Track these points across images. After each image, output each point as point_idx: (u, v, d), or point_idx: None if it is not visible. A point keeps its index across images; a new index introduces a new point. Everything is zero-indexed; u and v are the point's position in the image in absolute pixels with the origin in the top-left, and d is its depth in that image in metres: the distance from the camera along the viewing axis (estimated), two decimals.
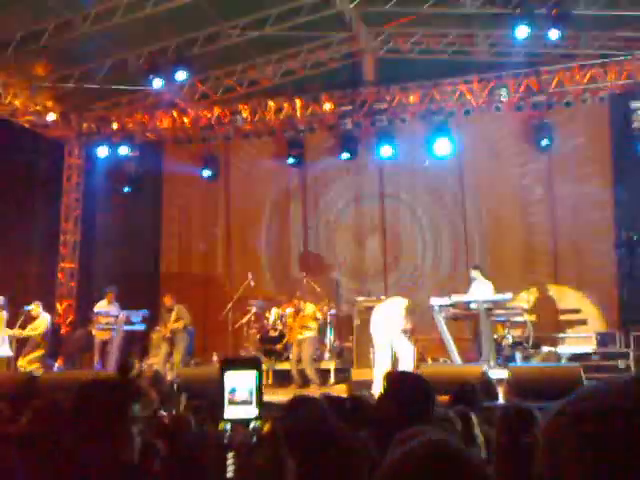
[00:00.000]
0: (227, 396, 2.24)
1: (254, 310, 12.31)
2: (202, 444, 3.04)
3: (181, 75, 12.10)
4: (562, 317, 12.77)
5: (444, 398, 5.30)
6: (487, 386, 7.62)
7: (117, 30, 11.69)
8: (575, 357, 10.93)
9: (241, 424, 2.20)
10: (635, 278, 10.79)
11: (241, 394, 2.24)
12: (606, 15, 11.11)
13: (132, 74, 13.01)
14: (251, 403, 2.23)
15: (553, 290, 12.85)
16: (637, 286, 11.27)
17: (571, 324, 12.71)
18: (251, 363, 2.32)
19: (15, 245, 13.24)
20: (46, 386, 8.41)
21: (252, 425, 2.18)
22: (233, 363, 2.41)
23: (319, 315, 11.24)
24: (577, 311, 12.64)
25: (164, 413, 5.34)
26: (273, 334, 11.76)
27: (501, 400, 7.80)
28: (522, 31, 10.96)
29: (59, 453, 2.33)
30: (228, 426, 2.19)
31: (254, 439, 2.13)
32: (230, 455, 2.11)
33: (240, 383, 2.25)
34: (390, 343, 9.50)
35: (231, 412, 2.23)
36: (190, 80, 12.99)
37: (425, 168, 13.47)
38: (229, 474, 2.12)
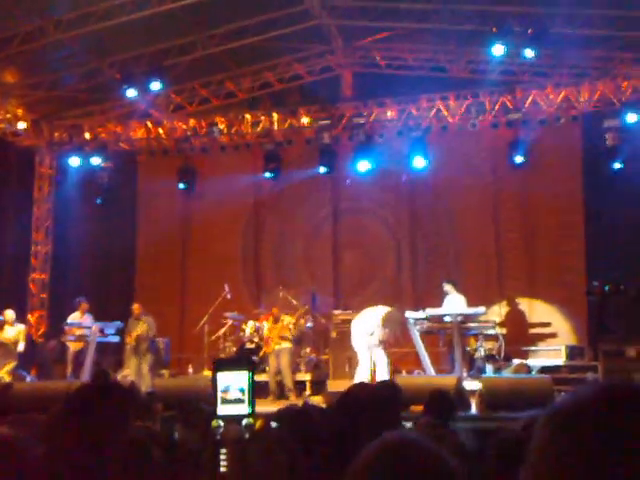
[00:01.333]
0: (220, 395, 2.31)
1: (230, 322, 12.22)
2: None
3: (155, 85, 11.97)
4: (533, 330, 12.98)
5: (418, 408, 5.33)
6: (460, 396, 7.70)
7: (90, 37, 11.52)
8: (545, 369, 11.09)
9: (233, 421, 2.24)
10: (604, 325, 10.93)
11: (233, 393, 2.34)
12: (581, 35, 11.33)
13: (105, 83, 12.84)
14: (243, 401, 2.31)
15: (524, 303, 13.04)
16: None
17: (541, 337, 12.91)
18: (243, 363, 2.42)
19: None
20: (21, 396, 8.24)
21: (244, 422, 2.25)
22: (226, 363, 2.51)
23: (295, 327, 11.20)
24: (547, 324, 12.85)
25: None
26: (250, 346, 11.69)
27: (474, 411, 7.89)
28: (498, 49, 11.11)
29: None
30: (221, 423, 2.25)
31: (246, 435, 2.19)
32: (223, 451, 2.16)
33: (233, 382, 2.35)
34: (370, 353, 9.52)
35: (224, 410, 2.30)
36: (165, 91, 12.85)
37: (401, 183, 13.57)
38: (222, 469, 2.18)
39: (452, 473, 1.22)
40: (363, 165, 13.13)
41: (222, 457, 2.19)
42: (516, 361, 11.38)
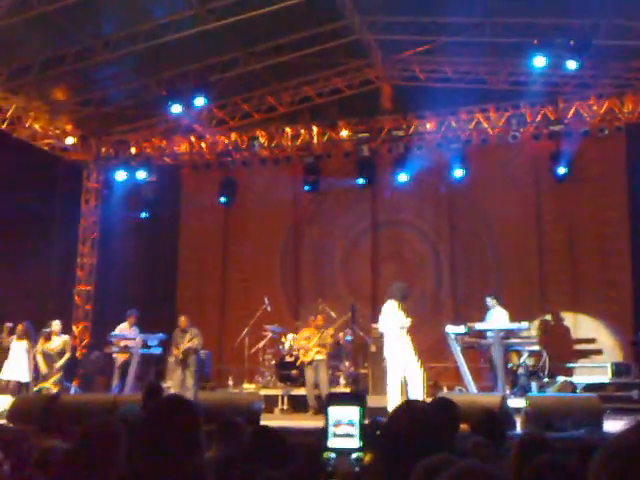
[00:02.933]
0: (332, 428, 2.36)
1: (270, 335, 12.28)
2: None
3: (200, 101, 12.20)
4: (577, 346, 12.72)
5: (463, 427, 5.27)
6: (507, 415, 7.56)
7: (137, 56, 11.84)
8: (590, 387, 10.84)
9: (343, 454, 2.27)
10: None
11: (344, 427, 2.37)
12: (623, 45, 11.17)
13: (151, 99, 13.17)
14: (354, 436, 2.35)
15: (568, 319, 12.81)
16: None
17: (586, 353, 12.65)
18: (356, 399, 2.47)
19: (33, 267, 13.32)
20: (67, 407, 8.38)
21: (354, 456, 2.30)
22: (338, 398, 2.56)
23: (333, 338, 11.18)
24: (592, 340, 12.59)
25: None
26: (289, 359, 11.70)
27: (519, 430, 7.74)
28: (540, 61, 11.03)
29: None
30: (332, 455, 2.31)
31: (357, 469, 2.24)
32: None
33: (344, 417, 2.39)
34: (401, 363, 9.38)
35: (334, 442, 2.35)
36: (208, 106, 13.11)
37: (440, 195, 13.53)
38: None
39: None
40: (402, 177, 13.15)
41: None
42: (561, 378, 11.17)
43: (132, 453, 2.47)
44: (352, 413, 2.42)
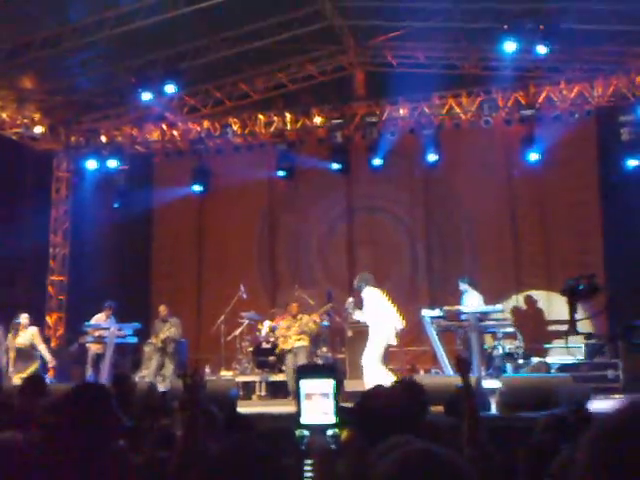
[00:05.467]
0: (304, 403, 2.24)
1: (246, 322, 12.28)
2: None
3: (170, 88, 12.07)
4: (551, 327, 12.88)
5: (438, 408, 5.33)
6: (480, 396, 7.65)
7: (105, 43, 11.64)
8: (564, 368, 10.99)
9: (319, 431, 2.18)
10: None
11: (317, 402, 2.24)
12: (593, 30, 11.27)
13: (121, 87, 12.99)
14: (328, 411, 2.23)
15: (542, 301, 12.98)
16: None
17: (560, 334, 12.80)
18: (328, 371, 2.32)
19: (4, 258, 13.11)
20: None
21: (330, 432, 2.18)
22: (309, 370, 2.42)
23: (316, 325, 11.21)
24: (566, 321, 12.72)
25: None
26: (266, 346, 11.73)
27: (493, 411, 7.84)
28: (510, 46, 11.09)
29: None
30: (305, 432, 2.19)
31: (333, 446, 2.13)
32: (309, 462, 2.10)
33: (316, 390, 2.26)
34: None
35: (308, 419, 2.22)
36: (179, 93, 12.96)
37: (414, 180, 13.60)
38: None
39: None
40: (376, 163, 13.18)
41: (307, 468, 2.11)
42: (535, 359, 11.32)
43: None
44: (326, 386, 2.27)
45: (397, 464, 1.26)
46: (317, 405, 2.24)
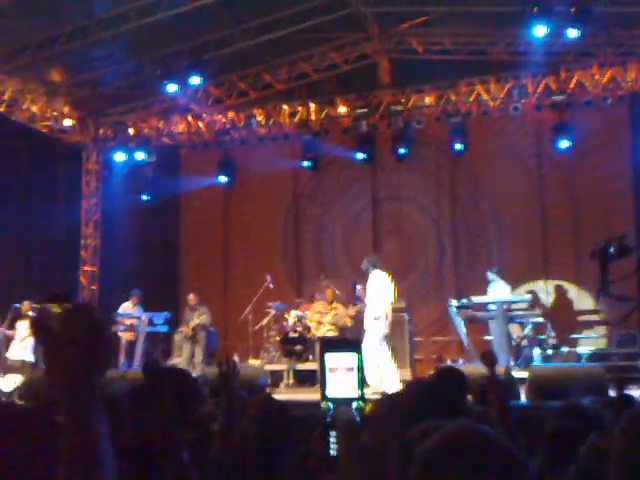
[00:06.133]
0: (328, 376, 2.23)
1: (273, 312, 12.33)
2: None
3: (195, 80, 12.13)
4: (581, 317, 12.67)
5: (468, 398, 5.29)
6: (510, 386, 7.57)
7: (130, 35, 11.72)
8: (594, 357, 10.84)
9: (343, 403, 2.19)
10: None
11: (342, 375, 2.24)
12: (625, 12, 10.93)
13: (147, 79, 13.07)
14: (352, 384, 2.22)
15: (572, 290, 12.76)
16: None
17: (590, 324, 12.60)
18: (352, 345, 2.32)
19: (37, 250, 13.38)
20: None
21: (354, 405, 2.19)
22: (334, 344, 2.41)
23: (349, 321, 11.18)
24: (596, 311, 12.53)
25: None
26: (293, 335, 11.77)
27: (523, 400, 7.77)
28: (540, 30, 10.82)
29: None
30: (330, 405, 2.20)
31: (357, 418, 2.14)
32: (333, 434, 2.12)
33: (341, 364, 2.26)
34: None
35: (332, 392, 2.22)
36: (204, 84, 13.00)
37: (441, 169, 13.43)
38: (332, 452, 2.13)
39: (520, 465, 1.22)
40: (401, 152, 13.05)
41: (332, 440, 2.16)
42: (565, 349, 11.17)
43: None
44: (350, 360, 2.28)
45: (444, 439, 1.27)
46: (341, 378, 2.25)
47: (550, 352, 10.94)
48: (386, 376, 8.98)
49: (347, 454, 2.01)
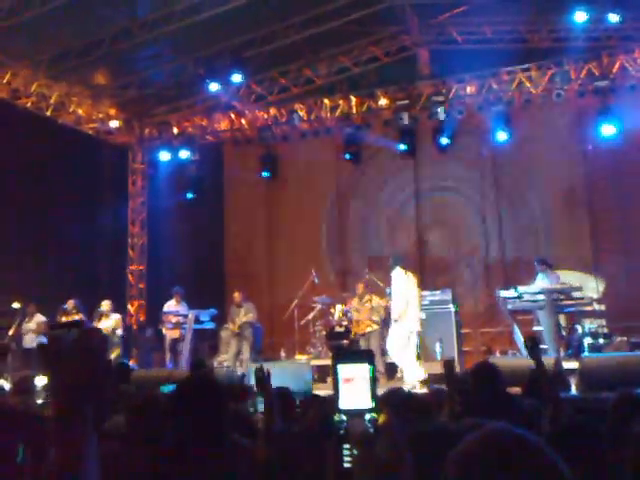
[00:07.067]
0: (341, 388, 2.29)
1: (319, 307, 12.38)
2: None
3: (237, 77, 12.29)
4: (634, 305, 12.46)
5: (516, 390, 5.27)
6: (560, 377, 7.50)
7: (173, 36, 11.91)
8: None
9: (357, 415, 2.21)
10: None
11: (355, 386, 2.26)
12: None
13: (189, 78, 13.25)
14: (366, 395, 2.26)
15: (622, 277, 12.55)
16: None
17: None
18: (365, 356, 2.36)
19: (85, 249, 13.62)
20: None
21: (368, 416, 2.22)
22: (346, 355, 2.44)
23: (385, 309, 11.20)
24: None
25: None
26: (339, 330, 11.79)
27: (573, 391, 7.68)
28: (581, 15, 10.71)
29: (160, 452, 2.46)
30: (344, 417, 2.24)
31: (371, 430, 2.17)
32: (346, 446, 2.13)
33: (354, 375, 2.27)
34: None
35: (346, 403, 2.25)
36: (246, 82, 13.14)
37: (484, 159, 13.35)
38: (345, 465, 2.12)
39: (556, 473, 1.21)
40: (444, 143, 13.02)
41: (345, 452, 2.13)
42: (617, 338, 10.99)
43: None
44: (363, 371, 2.26)
45: (477, 442, 1.27)
46: (354, 390, 2.24)
47: (601, 342, 10.80)
48: (407, 373, 9.07)
49: (362, 467, 2.02)
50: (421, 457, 1.97)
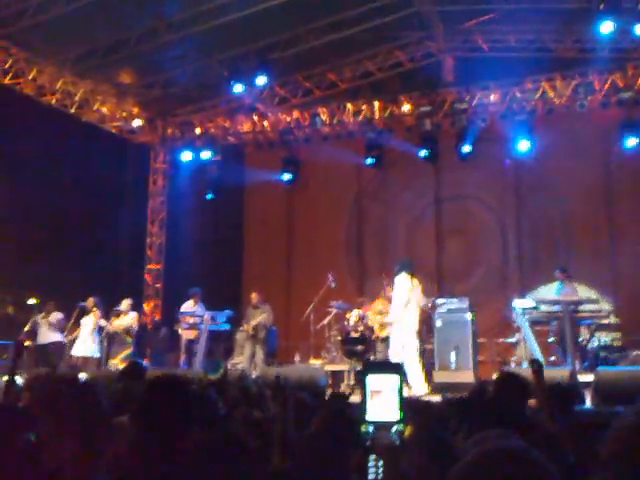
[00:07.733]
0: (369, 399, 2.31)
1: (335, 311, 12.34)
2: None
3: (261, 80, 12.32)
4: None
5: (531, 402, 5.25)
6: (575, 390, 7.45)
7: (199, 37, 11.99)
8: None
9: (382, 427, 2.23)
10: None
11: (383, 397, 2.25)
12: None
13: (213, 79, 13.32)
14: (393, 407, 2.28)
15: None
16: None
17: None
18: (394, 367, 2.35)
19: (104, 247, 13.72)
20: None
21: (394, 428, 2.22)
22: (375, 366, 2.43)
23: None
24: None
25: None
26: (354, 335, 11.76)
27: (588, 405, 7.63)
28: (607, 26, 10.64)
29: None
30: (370, 429, 2.24)
31: (398, 442, 2.17)
32: (372, 458, 2.12)
33: (382, 386, 2.26)
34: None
35: (373, 415, 2.24)
36: (269, 84, 13.19)
37: (506, 168, 13.30)
38: (370, 476, 2.11)
39: None
40: (466, 150, 13.00)
41: (371, 464, 2.12)
42: (633, 352, 10.90)
43: None
44: (391, 382, 2.24)
45: (468, 465, 1.27)
46: (382, 401, 2.23)
47: (617, 355, 10.71)
48: (411, 379, 9.06)
49: (387, 479, 2.01)
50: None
